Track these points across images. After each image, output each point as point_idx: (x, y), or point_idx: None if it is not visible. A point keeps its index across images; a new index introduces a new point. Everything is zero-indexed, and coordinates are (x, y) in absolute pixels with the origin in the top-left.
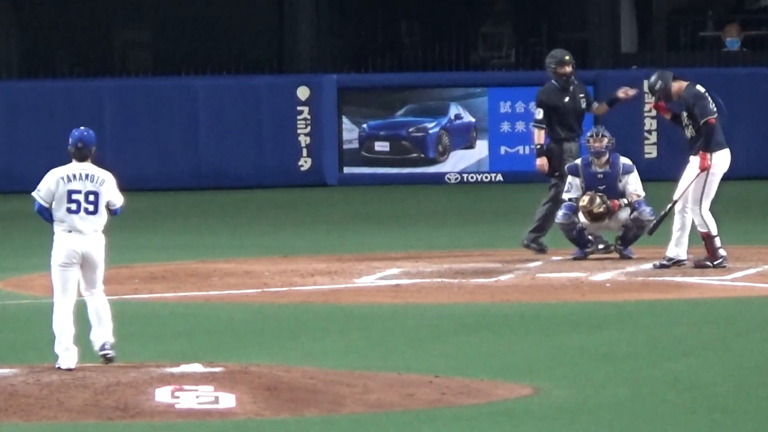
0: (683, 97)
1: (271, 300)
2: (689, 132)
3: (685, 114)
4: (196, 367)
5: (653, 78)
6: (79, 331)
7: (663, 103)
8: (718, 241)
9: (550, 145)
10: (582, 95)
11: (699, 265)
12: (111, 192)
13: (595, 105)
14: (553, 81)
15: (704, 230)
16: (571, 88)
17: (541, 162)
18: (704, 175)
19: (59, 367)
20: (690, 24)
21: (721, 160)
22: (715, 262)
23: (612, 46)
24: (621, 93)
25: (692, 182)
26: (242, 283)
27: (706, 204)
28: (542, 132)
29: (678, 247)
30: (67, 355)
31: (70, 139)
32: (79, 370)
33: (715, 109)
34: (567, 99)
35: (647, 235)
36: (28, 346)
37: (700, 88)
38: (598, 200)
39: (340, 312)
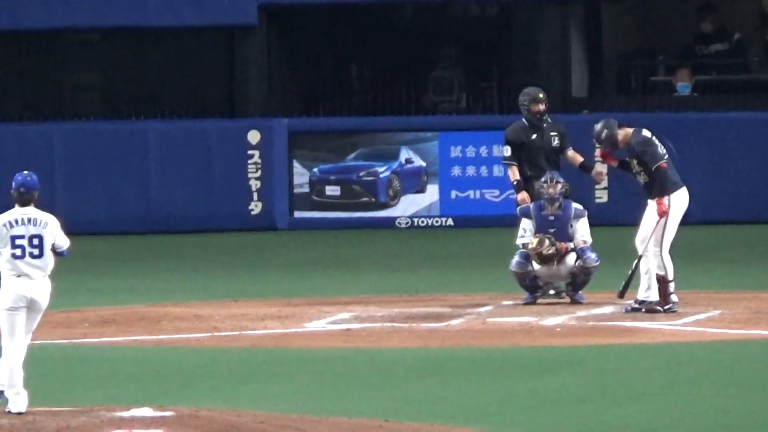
0: (631, 144)
1: (221, 344)
2: (642, 178)
3: (635, 161)
4: (147, 411)
5: (599, 127)
6: (30, 375)
7: (608, 151)
8: (672, 287)
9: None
10: (555, 134)
11: (649, 310)
12: (55, 234)
13: (570, 152)
14: (523, 119)
15: (661, 273)
16: (544, 125)
17: (522, 197)
18: (664, 216)
19: (9, 411)
20: (641, 68)
21: (679, 199)
22: (665, 307)
23: (562, 90)
24: (595, 173)
25: (654, 229)
26: (192, 327)
27: (667, 246)
28: (515, 168)
29: (649, 290)
30: (18, 399)
31: (13, 184)
32: (29, 414)
33: (665, 153)
34: (534, 136)
35: (618, 299)
36: None
37: (646, 133)
38: (547, 242)
39: (291, 356)
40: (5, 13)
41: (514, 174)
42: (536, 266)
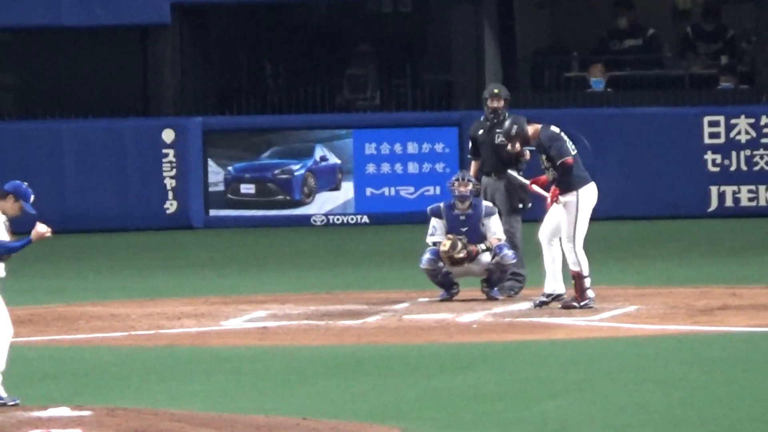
0: (539, 139)
1: (137, 343)
2: (550, 174)
3: (543, 157)
4: (64, 411)
5: (507, 123)
6: None
7: (536, 183)
8: (587, 282)
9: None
10: (500, 131)
11: (565, 306)
12: None
13: (508, 147)
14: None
15: (576, 269)
16: (496, 122)
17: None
18: (573, 211)
19: None
20: (554, 65)
21: (588, 194)
22: (581, 303)
23: (476, 88)
24: (532, 187)
25: (564, 226)
26: (109, 326)
27: (580, 241)
28: (474, 163)
29: (555, 281)
30: None
31: None
32: None
33: (573, 148)
34: (481, 132)
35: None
36: None
37: (554, 128)
38: (459, 245)
39: (207, 354)
40: None
41: (473, 169)
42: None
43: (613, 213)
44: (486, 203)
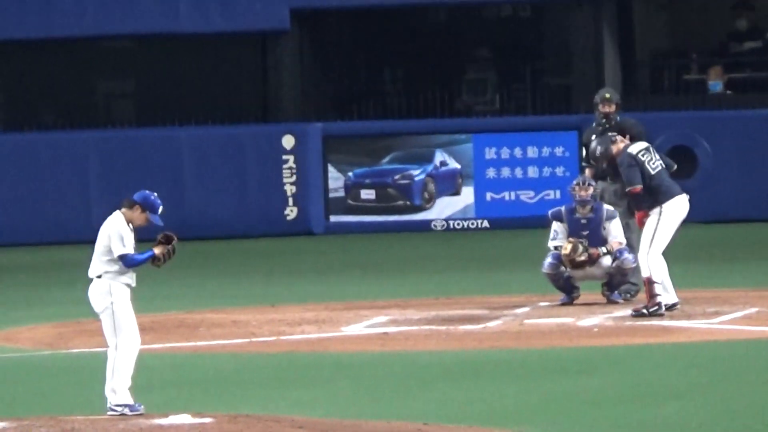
0: (618, 160)
1: (258, 349)
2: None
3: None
4: (185, 418)
5: (593, 145)
6: (68, 383)
7: (642, 215)
8: (658, 288)
9: None
10: (612, 134)
11: (636, 311)
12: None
13: (599, 150)
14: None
15: (647, 275)
16: (608, 126)
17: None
18: (655, 223)
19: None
20: (674, 67)
21: (673, 207)
22: (651, 309)
23: (596, 91)
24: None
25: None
26: (230, 332)
27: (656, 250)
28: (588, 169)
29: (665, 292)
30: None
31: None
32: (68, 422)
33: (654, 167)
34: (594, 137)
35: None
36: (16, 399)
37: (632, 150)
38: (580, 248)
39: (328, 361)
40: (38, 21)
41: (588, 175)
42: (570, 270)
43: (732, 215)
44: (607, 207)
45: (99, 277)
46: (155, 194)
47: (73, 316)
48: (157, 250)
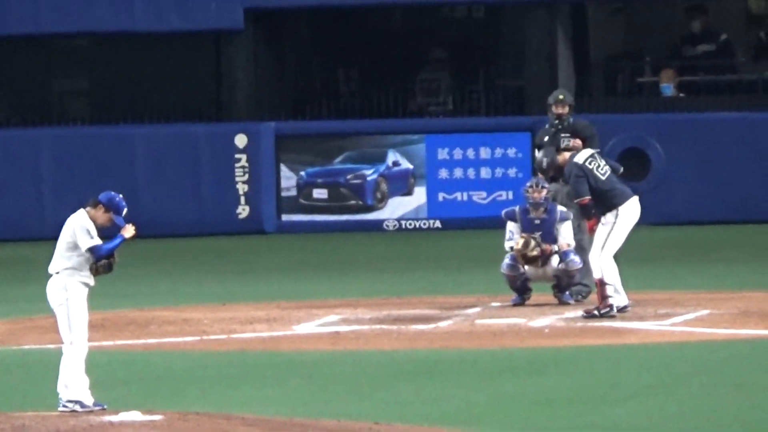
0: (566, 170)
1: (209, 348)
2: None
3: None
4: (136, 415)
5: (539, 156)
6: (20, 379)
7: (593, 223)
8: (609, 290)
9: None
10: (566, 136)
11: (587, 312)
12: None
13: (545, 161)
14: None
15: (599, 276)
16: (560, 127)
17: None
18: (610, 227)
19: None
20: (627, 70)
21: (628, 210)
22: (602, 311)
23: (549, 93)
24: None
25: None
26: (181, 330)
27: (609, 252)
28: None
29: (617, 294)
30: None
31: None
32: (18, 418)
33: (604, 173)
34: (546, 138)
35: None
36: None
37: (579, 159)
38: (532, 243)
39: (280, 359)
40: None
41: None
42: (527, 267)
43: (686, 217)
44: (561, 208)
45: (57, 273)
46: (120, 196)
47: (25, 312)
48: (126, 233)
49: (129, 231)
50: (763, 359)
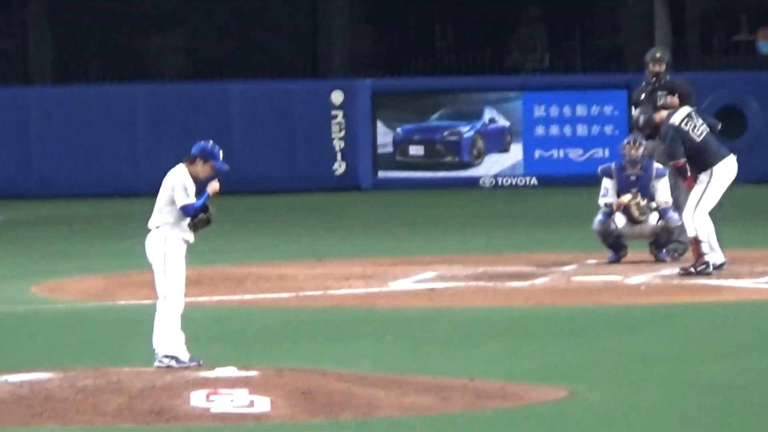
0: (662, 130)
1: (305, 304)
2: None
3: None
4: (231, 371)
5: (635, 114)
6: (117, 335)
7: (690, 181)
8: (704, 247)
9: None
10: (662, 93)
11: (683, 270)
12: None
13: (642, 119)
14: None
15: (693, 234)
16: (657, 85)
17: None
18: (704, 186)
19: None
20: (723, 28)
21: (723, 170)
22: (698, 268)
23: (645, 50)
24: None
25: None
26: (276, 287)
27: (703, 210)
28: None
29: (713, 252)
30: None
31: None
32: (114, 373)
33: (700, 133)
34: (643, 96)
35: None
36: (62, 350)
37: (675, 120)
38: (641, 204)
39: (375, 316)
40: None
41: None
42: (619, 224)
43: None
44: (657, 165)
45: (158, 227)
46: (211, 142)
47: (121, 268)
48: (210, 190)
49: (213, 187)
50: None
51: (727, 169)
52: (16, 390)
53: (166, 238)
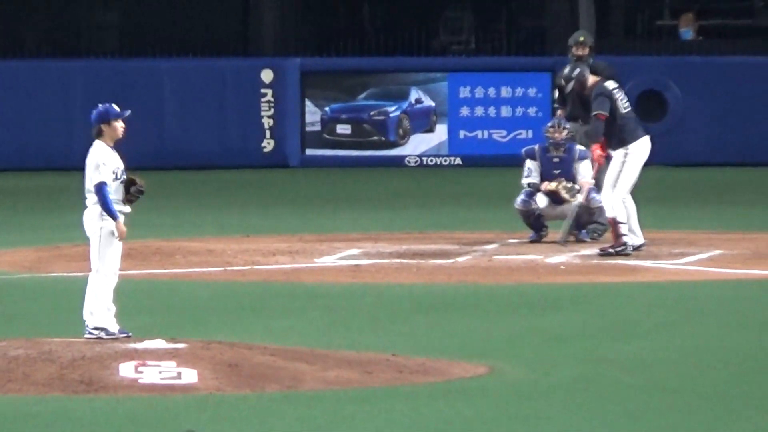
0: (594, 91)
1: (233, 278)
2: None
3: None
4: (160, 343)
5: (568, 68)
6: (49, 306)
7: (597, 147)
8: (623, 228)
9: None
10: (575, 74)
11: (602, 251)
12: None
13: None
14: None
15: (612, 215)
16: (576, 69)
17: None
18: (620, 163)
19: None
20: (647, 12)
21: (639, 148)
22: (617, 249)
23: (570, 34)
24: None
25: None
26: (205, 261)
27: (621, 190)
28: (559, 111)
29: (632, 234)
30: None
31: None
32: (45, 344)
33: (625, 107)
34: (562, 78)
35: (561, 245)
36: None
37: (609, 85)
38: (567, 186)
39: (301, 291)
40: None
41: (562, 115)
42: (540, 205)
43: (702, 159)
44: (579, 147)
45: (94, 204)
46: (99, 105)
47: (54, 241)
48: (117, 230)
49: (119, 231)
50: None
51: (642, 148)
52: None
53: (102, 213)
